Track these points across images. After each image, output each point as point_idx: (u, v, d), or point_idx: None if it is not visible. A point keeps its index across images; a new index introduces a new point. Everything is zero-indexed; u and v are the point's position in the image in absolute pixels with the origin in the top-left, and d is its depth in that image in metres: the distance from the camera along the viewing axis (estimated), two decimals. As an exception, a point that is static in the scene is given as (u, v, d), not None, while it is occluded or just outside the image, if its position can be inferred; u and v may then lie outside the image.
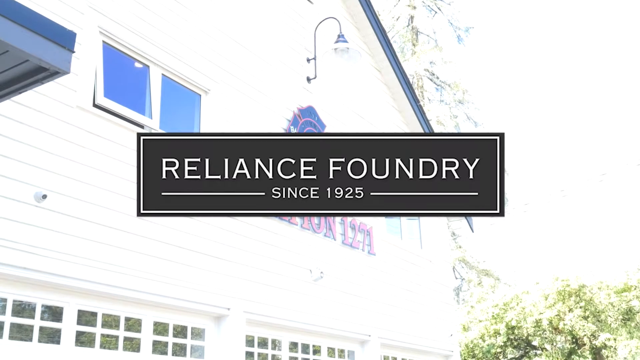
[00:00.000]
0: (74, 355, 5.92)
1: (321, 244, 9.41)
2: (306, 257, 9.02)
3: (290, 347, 8.66)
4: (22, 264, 5.48)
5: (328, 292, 9.27)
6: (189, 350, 7.17)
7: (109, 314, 6.36)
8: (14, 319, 5.56)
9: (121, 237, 6.42)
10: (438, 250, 12.90)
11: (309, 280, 8.94)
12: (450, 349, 12.38)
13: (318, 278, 9.01)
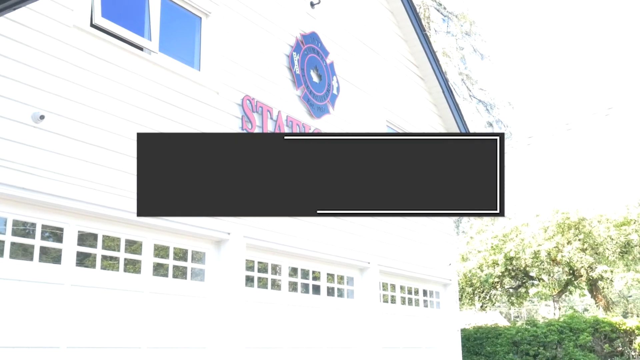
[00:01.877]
0: (74, 275, 5.97)
1: (322, 171, 9.34)
2: (307, 185, 8.96)
3: (290, 272, 8.74)
4: (21, 184, 5.46)
5: (328, 220, 9.28)
6: (189, 274, 7.24)
7: (109, 235, 6.38)
8: (14, 238, 5.57)
9: (120, 159, 6.38)
10: (439, 181, 12.85)
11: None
12: (448, 278, 12.53)
13: (318, 205, 8.98)
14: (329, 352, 9.15)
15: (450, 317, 12.51)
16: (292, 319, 8.56)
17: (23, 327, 5.50)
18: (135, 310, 6.49)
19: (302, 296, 8.85)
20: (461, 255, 21.41)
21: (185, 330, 7.00)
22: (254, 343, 7.84)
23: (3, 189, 5.34)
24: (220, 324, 7.29)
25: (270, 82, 8.65)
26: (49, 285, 5.76)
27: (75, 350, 5.86)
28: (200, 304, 7.24)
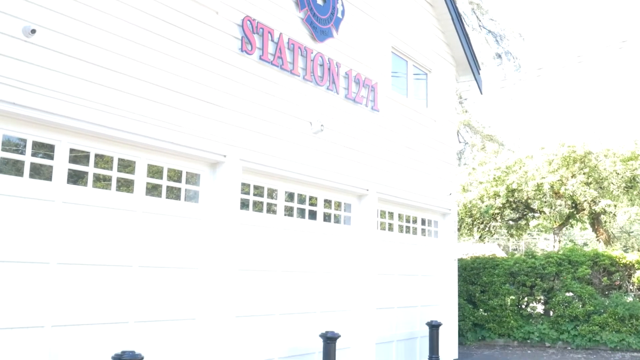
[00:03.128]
0: (66, 192, 5.97)
1: (323, 96, 9.25)
2: (307, 109, 8.90)
3: (286, 197, 8.74)
4: (11, 99, 5.38)
5: (328, 145, 9.23)
6: (183, 195, 7.23)
7: (102, 154, 6.34)
8: (4, 154, 5.54)
9: (115, 77, 6.28)
10: (443, 110, 12.74)
11: (308, 133, 8.87)
12: (448, 207, 12.56)
13: (318, 130, 8.92)
14: (324, 277, 9.27)
15: (448, 247, 12.62)
16: (287, 243, 8.64)
17: (12, 242, 5.55)
18: (128, 229, 6.53)
19: (298, 221, 8.89)
20: (462, 186, 21.40)
21: (177, 251, 7.07)
22: (247, 265, 7.93)
23: (-9, 103, 5.28)
24: (214, 246, 7.35)
25: (272, 3, 8.42)
26: (40, 202, 5.77)
27: (65, 267, 5.93)
28: (194, 225, 7.28)
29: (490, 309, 15.32)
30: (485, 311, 15.47)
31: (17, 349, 5.51)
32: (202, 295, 7.27)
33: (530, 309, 15.65)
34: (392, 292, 10.87)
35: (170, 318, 6.91)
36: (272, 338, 8.26)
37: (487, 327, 15.32)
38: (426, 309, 11.90)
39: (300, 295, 8.82)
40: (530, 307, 15.65)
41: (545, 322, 15.06)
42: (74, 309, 5.97)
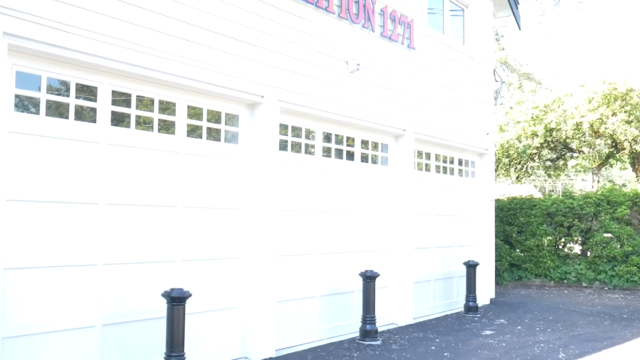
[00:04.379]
0: (110, 134, 6.11)
1: (359, 35, 9.18)
2: (343, 48, 8.85)
3: (324, 137, 8.79)
4: (54, 41, 5.47)
5: (364, 85, 9.20)
6: (223, 135, 7.33)
7: (143, 95, 6.44)
8: (49, 96, 5.67)
9: (153, 18, 6.32)
10: (480, 47, 12.54)
11: (344, 72, 8.85)
12: (485, 147, 12.50)
13: (354, 70, 8.90)
14: (362, 217, 9.38)
15: (485, 187, 12.61)
16: (325, 184, 8.73)
17: (62, 183, 5.73)
18: (171, 171, 6.68)
19: (335, 162, 8.96)
20: (499, 125, 21.15)
21: (219, 192, 7.21)
22: (287, 206, 8.07)
23: (35, 45, 5.37)
24: (255, 187, 7.47)
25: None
26: (86, 144, 5.92)
27: (113, 207, 6.11)
28: (234, 166, 7.40)
29: (527, 250, 15.37)
30: (521, 251, 15.54)
31: (72, 285, 5.76)
32: (245, 235, 7.44)
33: (567, 250, 15.66)
34: (429, 232, 10.97)
35: (214, 257, 7.11)
36: (312, 277, 8.45)
37: (523, 267, 15.41)
38: (463, 249, 12.00)
39: (340, 235, 8.96)
40: (568, 248, 15.65)
41: (582, 263, 15.07)
42: (124, 248, 6.18)
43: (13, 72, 5.38)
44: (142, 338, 6.26)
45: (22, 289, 5.39)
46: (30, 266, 5.45)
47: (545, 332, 9.46)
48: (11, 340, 5.28)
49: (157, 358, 6.29)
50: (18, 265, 5.36)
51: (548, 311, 11.48)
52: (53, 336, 5.58)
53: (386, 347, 8.20)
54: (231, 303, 7.29)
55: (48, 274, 5.58)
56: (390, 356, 7.68)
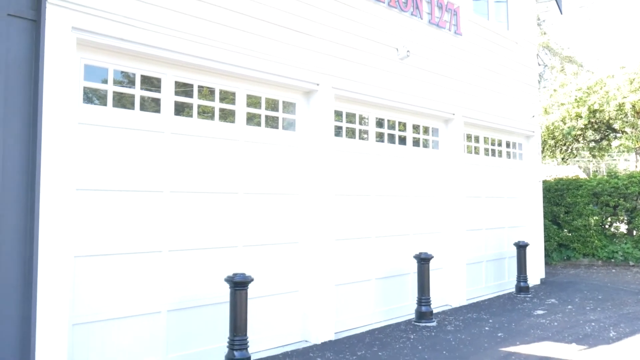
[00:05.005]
0: (173, 123, 5.98)
1: (408, 22, 8.88)
2: (393, 36, 8.57)
3: (377, 123, 8.55)
4: (120, 34, 5.34)
5: (414, 71, 8.91)
6: (280, 123, 7.15)
7: (204, 85, 6.29)
8: (115, 87, 5.56)
9: (213, 10, 6.15)
10: (524, 32, 12.09)
11: (395, 59, 8.57)
12: (531, 130, 12.08)
13: (404, 56, 8.61)
14: (415, 200, 9.13)
15: (532, 169, 12.21)
16: (379, 169, 8.50)
17: (127, 171, 5.63)
18: (231, 158, 6.53)
19: (388, 146, 8.71)
20: (544, 108, 20.53)
21: (278, 178, 7.04)
22: (343, 190, 7.86)
23: (103, 40, 5.25)
24: (311, 172, 7.29)
25: None
26: (150, 133, 5.79)
27: (177, 194, 5.99)
28: (291, 152, 7.21)
29: (575, 230, 14.87)
30: (569, 231, 15.04)
31: (138, 272, 5.66)
32: (303, 220, 7.27)
33: (613, 229, 15.11)
34: (480, 214, 10.64)
35: (274, 242, 6.95)
36: (368, 260, 8.24)
37: (571, 247, 14.93)
38: (513, 230, 11.64)
39: (394, 218, 8.72)
40: (614, 227, 15.10)
41: (629, 242, 14.54)
42: (187, 234, 6.06)
43: (81, 65, 5.27)
44: (205, 322, 6.15)
45: (91, 277, 5.31)
46: (98, 254, 5.36)
47: (595, 311, 9.10)
48: (81, 326, 5.20)
49: (220, 342, 6.16)
50: (87, 253, 5.28)
51: (597, 290, 11.07)
52: (121, 322, 5.50)
53: (441, 329, 7.96)
54: (291, 287, 7.13)
55: (115, 261, 5.49)
56: (445, 337, 7.44)
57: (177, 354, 5.88)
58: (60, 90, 4.88)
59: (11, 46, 4.70)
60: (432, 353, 6.71)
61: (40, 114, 4.76)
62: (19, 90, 4.73)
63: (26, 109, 4.75)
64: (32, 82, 4.79)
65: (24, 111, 4.74)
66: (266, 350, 6.67)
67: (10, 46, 4.69)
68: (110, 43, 5.33)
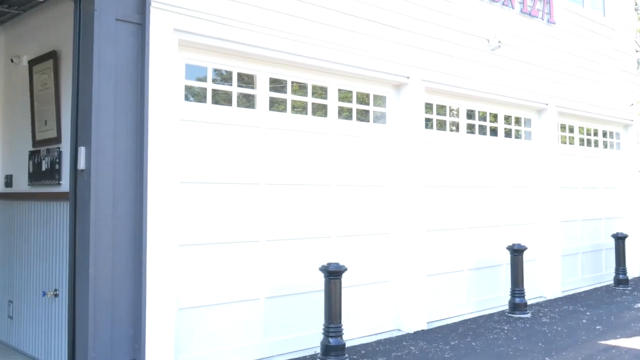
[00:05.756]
0: (268, 118, 6.03)
1: (499, 12, 8.56)
2: (483, 27, 8.29)
3: (468, 114, 8.30)
4: (218, 34, 5.43)
5: (505, 61, 8.59)
6: (371, 116, 7.07)
7: (297, 81, 6.30)
8: (214, 85, 5.66)
9: (308, 8, 6.14)
10: (621, 18, 11.37)
11: (486, 50, 8.29)
12: (629, 118, 11.39)
13: (495, 47, 8.30)
14: (507, 191, 8.81)
15: (631, 159, 11.51)
16: (470, 160, 8.26)
17: (225, 165, 5.73)
18: (324, 151, 6.51)
19: (479, 138, 8.45)
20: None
21: (369, 170, 6.98)
22: (434, 182, 7.70)
23: (202, 40, 5.36)
24: (402, 164, 7.18)
25: None
26: (247, 128, 5.86)
27: (272, 187, 6.04)
28: (382, 145, 7.12)
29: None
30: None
31: (237, 260, 5.76)
32: (394, 211, 7.17)
33: None
34: (575, 205, 10.14)
35: (366, 232, 6.89)
36: (460, 251, 8.03)
37: (672, 239, 13.96)
38: (610, 222, 11.02)
39: (486, 209, 8.46)
40: None
41: None
42: (282, 225, 6.10)
43: (183, 64, 5.40)
44: (301, 310, 6.18)
45: (194, 264, 5.44)
46: (200, 243, 5.48)
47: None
48: (186, 311, 5.34)
49: (315, 328, 6.17)
50: (190, 242, 5.41)
51: (703, 284, 10.32)
52: (222, 307, 5.61)
53: (536, 320, 7.64)
54: (383, 277, 7.05)
55: (216, 250, 5.60)
56: (540, 329, 7.13)
57: (274, 339, 5.94)
58: (164, 89, 5.02)
59: (119, 49, 4.86)
60: (527, 344, 6.45)
61: (146, 112, 4.91)
62: (127, 90, 4.89)
63: (133, 107, 4.91)
64: (138, 82, 4.95)
65: (132, 110, 4.90)
66: (360, 337, 6.64)
67: (118, 49, 4.85)
68: (208, 43, 5.43)
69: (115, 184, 4.76)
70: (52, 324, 5.40)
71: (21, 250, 6.01)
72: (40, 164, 5.60)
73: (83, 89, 4.78)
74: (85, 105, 4.74)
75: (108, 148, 4.72)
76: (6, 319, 6.21)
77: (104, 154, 4.69)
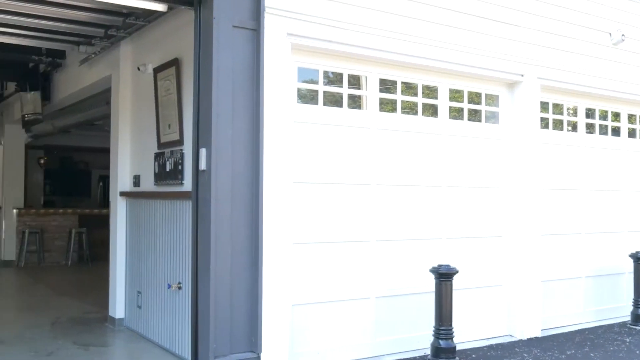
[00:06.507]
0: (378, 119, 6.16)
1: (621, 4, 8.19)
2: (604, 20, 7.97)
3: (587, 113, 8.02)
4: (329, 37, 5.63)
5: (629, 56, 8.21)
6: (483, 116, 7.02)
7: (407, 81, 6.39)
8: (325, 87, 5.87)
9: (417, 7, 6.22)
10: None
11: (607, 44, 7.96)
12: None
13: (618, 41, 7.96)
14: (630, 195, 8.43)
15: None
16: (589, 162, 7.99)
17: (336, 165, 5.92)
18: (434, 152, 6.56)
19: (599, 138, 8.16)
20: None
21: (480, 171, 6.94)
22: (549, 184, 7.51)
23: (313, 43, 5.58)
24: (515, 165, 7.07)
25: None
26: (357, 129, 6.03)
27: (382, 187, 6.16)
28: (494, 145, 7.05)
29: None
30: None
31: (348, 259, 5.95)
32: (507, 214, 7.07)
33: None
34: None
35: (477, 235, 6.86)
36: (577, 257, 7.79)
37: None
38: None
39: (606, 214, 8.14)
40: None
41: None
42: (392, 225, 6.21)
43: (295, 67, 5.64)
44: (410, 310, 6.26)
45: (306, 262, 5.66)
46: (312, 241, 5.70)
47: None
48: (299, 307, 5.57)
49: (424, 330, 6.20)
50: (303, 240, 5.63)
51: None
52: (333, 305, 5.80)
53: (662, 332, 7.25)
54: (495, 281, 6.98)
55: (328, 248, 5.80)
56: (669, 342, 6.77)
57: (385, 339, 6.07)
58: (277, 92, 5.27)
59: (236, 54, 5.16)
60: (652, 358, 6.15)
61: (261, 114, 5.18)
62: (244, 94, 5.18)
63: (249, 110, 5.19)
64: (254, 86, 5.22)
65: (248, 112, 5.19)
66: (470, 341, 6.60)
67: (235, 54, 5.15)
68: (319, 45, 5.64)
69: (234, 184, 5.06)
70: (176, 315, 5.82)
71: (148, 244, 6.52)
72: (164, 164, 6.05)
73: (203, 93, 5.13)
74: (205, 108, 5.08)
75: (227, 149, 5.03)
76: (135, 309, 6.75)
77: (223, 155, 5.01)
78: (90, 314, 7.85)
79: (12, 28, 7.03)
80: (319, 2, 5.58)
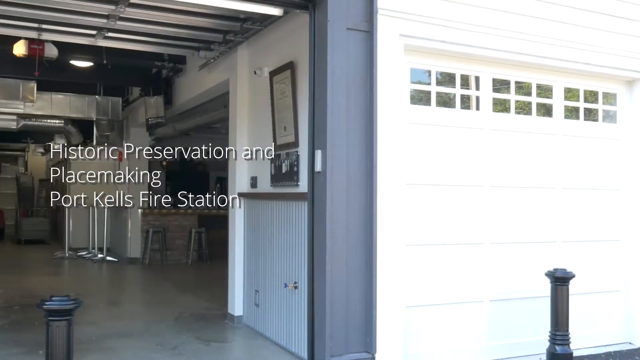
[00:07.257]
0: (491, 120, 6.12)
1: None
2: None
3: None
4: (441, 37, 5.64)
5: None
6: (600, 116, 6.80)
7: (520, 81, 6.29)
8: (437, 88, 5.88)
9: (531, 5, 6.11)
10: None
11: None
12: None
13: None
14: None
15: None
16: None
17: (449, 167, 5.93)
18: (549, 152, 6.44)
19: None
20: None
21: (597, 172, 6.74)
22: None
23: (425, 43, 5.61)
24: (635, 167, 6.81)
25: None
26: (470, 130, 6.00)
27: (495, 189, 6.11)
28: (611, 146, 6.83)
29: None
30: None
31: (461, 262, 5.95)
32: (626, 217, 6.84)
33: None
34: None
35: (594, 239, 6.68)
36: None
37: None
38: None
39: None
40: None
41: None
42: (506, 228, 6.15)
43: (408, 69, 5.69)
44: (524, 315, 6.17)
45: (419, 264, 5.71)
46: (425, 243, 5.74)
47: None
48: (412, 309, 5.62)
49: (539, 335, 6.06)
50: (416, 242, 5.67)
51: None
52: (447, 307, 5.83)
53: None
54: (612, 286, 6.77)
55: (441, 250, 5.83)
56: None
57: (499, 342, 6.02)
58: (391, 93, 5.33)
59: (350, 56, 5.25)
60: None
61: (374, 116, 5.25)
62: (357, 95, 5.27)
63: (363, 112, 5.27)
64: (367, 87, 5.30)
65: (362, 114, 5.27)
66: (586, 348, 6.43)
67: (349, 56, 5.24)
68: (432, 46, 5.67)
69: (349, 185, 5.16)
70: (292, 314, 5.99)
71: (265, 244, 6.75)
72: (280, 166, 6.24)
73: (318, 95, 5.25)
74: (320, 110, 5.20)
75: (341, 151, 5.14)
76: (253, 307, 7.01)
77: (338, 157, 5.12)
78: (210, 310, 8.22)
79: (137, 35, 7.50)
80: (431, 3, 5.62)
